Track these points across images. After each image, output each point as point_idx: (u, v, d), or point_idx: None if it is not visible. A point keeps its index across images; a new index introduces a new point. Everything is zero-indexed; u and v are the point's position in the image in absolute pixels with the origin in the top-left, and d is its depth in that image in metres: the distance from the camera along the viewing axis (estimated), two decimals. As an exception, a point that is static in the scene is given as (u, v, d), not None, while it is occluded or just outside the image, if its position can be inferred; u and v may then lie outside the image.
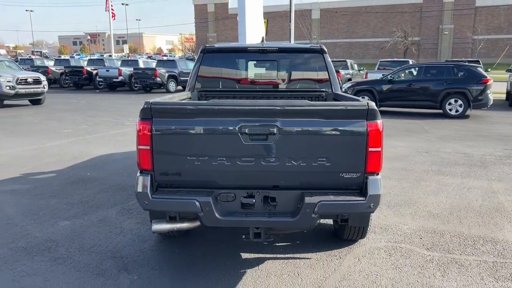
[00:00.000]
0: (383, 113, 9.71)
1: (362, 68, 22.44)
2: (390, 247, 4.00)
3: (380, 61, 20.28)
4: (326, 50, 4.63)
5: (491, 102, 12.72)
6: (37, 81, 15.76)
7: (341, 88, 6.00)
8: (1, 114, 13.35)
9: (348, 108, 3.07)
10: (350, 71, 20.29)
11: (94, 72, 24.52)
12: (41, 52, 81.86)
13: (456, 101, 12.48)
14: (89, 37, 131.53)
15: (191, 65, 25.02)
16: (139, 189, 3.11)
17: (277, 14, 57.15)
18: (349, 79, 19.63)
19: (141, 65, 24.68)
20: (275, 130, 3.00)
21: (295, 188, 3.15)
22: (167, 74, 22.55)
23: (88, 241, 4.08)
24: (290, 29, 35.70)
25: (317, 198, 3.06)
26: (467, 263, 3.70)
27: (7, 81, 14.95)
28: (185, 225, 3.32)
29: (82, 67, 25.13)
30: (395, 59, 26.49)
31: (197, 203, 3.03)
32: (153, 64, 24.51)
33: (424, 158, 7.64)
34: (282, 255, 3.81)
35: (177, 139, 3.09)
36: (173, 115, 3.08)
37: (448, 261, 3.73)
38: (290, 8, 28.60)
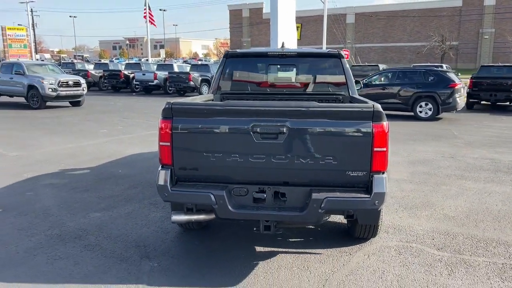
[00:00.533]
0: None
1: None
2: (400, 246, 4.12)
3: (413, 66, 19.99)
4: (343, 55, 4.80)
5: (461, 105, 13.41)
6: (77, 84, 16.56)
7: None
8: (44, 115, 14.12)
9: (354, 110, 3.24)
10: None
11: (131, 75, 25.40)
12: (82, 56, 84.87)
13: (426, 104, 13.20)
14: (128, 42, 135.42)
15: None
16: (160, 182, 3.39)
17: (311, 19, 57.17)
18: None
19: (176, 69, 25.33)
20: (284, 129, 3.21)
21: (304, 184, 3.35)
22: (200, 78, 23.09)
23: (115, 231, 4.41)
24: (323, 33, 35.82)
25: (324, 195, 3.24)
26: (476, 263, 3.78)
27: (50, 84, 15.80)
28: (201, 217, 3.57)
29: (120, 71, 26.09)
30: (428, 64, 26.05)
31: (212, 196, 3.28)
32: (187, 68, 25.11)
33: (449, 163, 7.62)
34: (294, 250, 4.01)
35: (194, 137, 3.35)
36: (191, 115, 3.35)
37: (457, 261, 3.82)
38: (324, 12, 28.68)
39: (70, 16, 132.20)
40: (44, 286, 3.34)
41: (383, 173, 3.30)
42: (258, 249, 4.03)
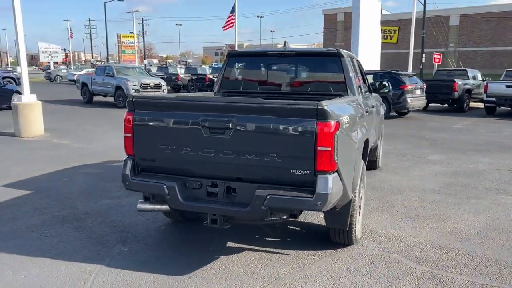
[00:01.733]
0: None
1: (487, 78, 20.25)
2: (378, 255, 3.89)
3: (507, 71, 18.11)
4: (343, 54, 4.65)
5: (417, 106, 14.82)
6: (157, 86, 17.81)
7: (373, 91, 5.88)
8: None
9: (298, 107, 3.17)
10: (470, 81, 18.54)
11: (216, 79, 26.51)
12: (186, 61, 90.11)
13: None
14: (229, 48, 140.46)
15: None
16: (123, 171, 3.62)
17: (409, 22, 54.41)
18: (468, 90, 18.03)
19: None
20: (231, 125, 3.25)
21: (252, 181, 3.34)
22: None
23: (113, 217, 4.76)
24: (422, 36, 33.98)
25: (267, 192, 3.21)
26: (451, 280, 3.46)
27: (133, 85, 17.20)
28: (163, 207, 3.72)
29: (205, 74, 27.36)
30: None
31: (165, 187, 3.43)
32: None
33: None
34: (264, 248, 3.99)
35: (152, 129, 3.53)
36: (149, 108, 3.54)
37: (430, 276, 3.52)
38: (424, 15, 27.28)
39: (176, 24, 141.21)
40: (21, 257, 3.75)
41: (331, 173, 3.17)
42: (230, 244, 4.09)
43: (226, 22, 37.00)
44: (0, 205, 5.12)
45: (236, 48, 40.08)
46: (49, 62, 51.38)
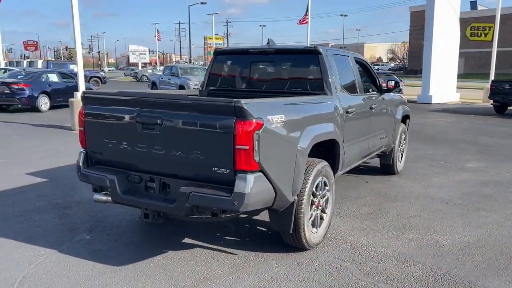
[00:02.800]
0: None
1: None
2: (328, 262, 3.69)
3: None
4: (322, 51, 4.45)
5: None
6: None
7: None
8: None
9: (217, 104, 3.13)
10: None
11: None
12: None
13: None
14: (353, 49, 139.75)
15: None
16: (77, 163, 3.83)
17: (508, 17, 49.88)
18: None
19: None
20: (159, 121, 3.29)
21: (184, 178, 3.36)
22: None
23: (99, 207, 5.01)
24: None
25: (191, 189, 3.21)
26: (388, 296, 3.18)
27: (194, 84, 17.83)
28: (109, 199, 3.84)
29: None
30: None
31: (106, 180, 3.58)
32: None
33: None
34: (216, 246, 3.98)
35: (97, 123, 3.69)
36: (95, 103, 3.70)
37: (369, 289, 3.27)
38: None
39: (260, 25, 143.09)
40: (-4, 238, 4.12)
41: (252, 172, 3.08)
42: (187, 240, 4.14)
43: (302, 20, 36.90)
44: (10, 191, 5.64)
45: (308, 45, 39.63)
46: (138, 63, 55.06)
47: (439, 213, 5.03)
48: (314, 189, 3.82)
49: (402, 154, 6.99)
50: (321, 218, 4.07)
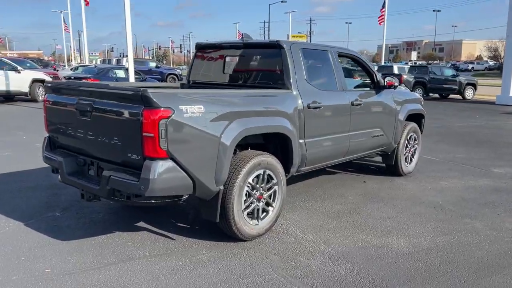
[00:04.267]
0: None
1: None
2: (256, 253, 3.73)
3: None
4: (284, 45, 4.44)
5: None
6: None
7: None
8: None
9: (125, 92, 3.33)
10: None
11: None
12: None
13: None
14: (406, 46, 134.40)
15: (447, 72, 23.13)
16: (42, 146, 4.27)
17: None
18: None
19: (395, 71, 24.41)
20: (89, 108, 3.58)
21: (110, 162, 3.61)
22: (413, 81, 21.77)
23: (88, 189, 5.46)
24: None
25: (110, 173, 3.46)
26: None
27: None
28: None
29: (401, 75, 25.87)
30: None
31: (56, 162, 3.96)
32: (395, 70, 23.79)
33: None
34: (161, 231, 4.19)
35: (53, 110, 4.07)
36: (52, 91, 4.09)
37: (270, 282, 3.27)
38: None
39: (346, 23, 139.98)
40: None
41: (160, 159, 3.24)
42: (142, 224, 4.39)
43: (379, 17, 35.67)
44: (28, 170, 6.31)
45: (384, 44, 38.19)
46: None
47: (417, 217, 4.75)
48: (251, 181, 3.86)
49: (412, 156, 6.62)
50: (265, 211, 4.08)
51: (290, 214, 4.70)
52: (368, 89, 5.70)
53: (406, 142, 6.34)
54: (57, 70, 26.34)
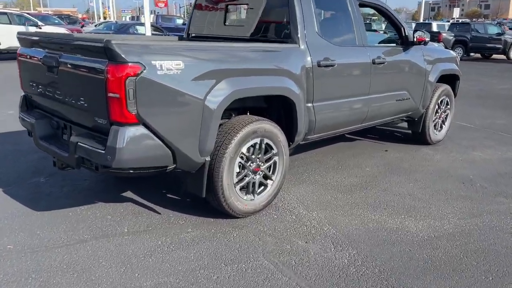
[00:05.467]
0: None
1: None
2: (249, 233, 3.27)
3: None
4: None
5: None
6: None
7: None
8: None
9: (88, 44, 2.81)
10: None
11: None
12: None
13: None
14: (448, 3, 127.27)
15: (492, 29, 21.44)
16: (19, 106, 3.85)
17: None
18: None
19: (434, 28, 22.81)
20: (55, 63, 3.09)
21: (81, 126, 3.15)
22: (453, 39, 20.33)
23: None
24: None
25: (78, 139, 3.01)
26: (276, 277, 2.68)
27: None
28: None
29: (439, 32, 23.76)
30: None
31: (29, 124, 3.54)
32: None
33: None
34: (148, 204, 3.77)
35: (26, 64, 3.61)
36: (24, 44, 3.61)
37: (247, 266, 2.80)
38: None
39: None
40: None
41: (128, 125, 2.75)
42: (128, 194, 3.98)
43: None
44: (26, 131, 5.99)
45: (423, 0, 36.00)
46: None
47: (442, 194, 4.14)
48: (245, 151, 3.34)
49: (443, 122, 5.90)
50: (263, 185, 3.58)
51: (296, 187, 4.18)
52: (394, 45, 4.97)
53: (437, 107, 5.61)
54: (83, 27, 26.09)
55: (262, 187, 3.59)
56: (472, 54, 21.10)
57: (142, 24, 17.56)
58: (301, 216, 3.58)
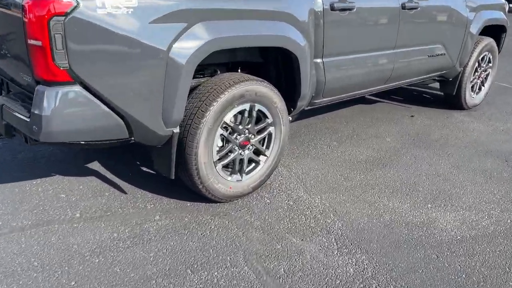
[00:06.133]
0: None
1: None
2: (231, 223, 2.58)
3: None
4: None
5: None
6: None
7: None
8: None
9: None
10: None
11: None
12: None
13: None
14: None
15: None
16: None
17: None
18: None
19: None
20: None
21: (18, 84, 2.43)
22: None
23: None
24: None
25: (3, 100, 2.30)
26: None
27: None
28: None
29: None
30: None
31: None
32: None
33: None
34: (116, 179, 3.09)
35: None
36: None
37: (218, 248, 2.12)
38: None
39: None
40: None
41: (61, 84, 2.01)
42: (95, 166, 3.31)
43: None
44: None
45: None
46: None
47: (479, 175, 3.34)
48: (228, 120, 2.58)
49: (482, 83, 4.97)
50: (254, 162, 2.84)
51: (298, 161, 3.44)
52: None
53: (476, 64, 4.67)
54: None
55: (253, 165, 2.86)
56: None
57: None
58: (301, 201, 2.86)
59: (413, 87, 5.22)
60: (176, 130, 2.40)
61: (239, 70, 2.94)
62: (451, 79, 4.60)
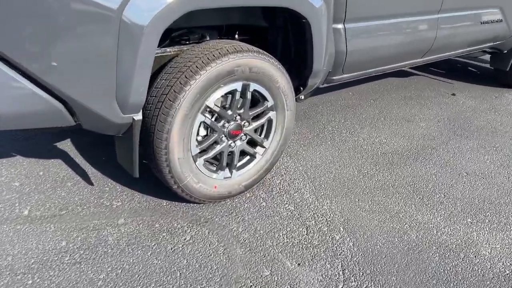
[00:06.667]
0: None
1: None
2: (210, 232, 2.04)
3: None
4: None
5: None
6: None
7: None
8: None
9: None
10: None
11: None
12: None
13: None
14: None
15: None
16: None
17: None
18: None
19: None
20: None
21: None
22: None
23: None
24: None
25: None
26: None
27: None
28: None
29: None
30: None
31: None
32: None
33: None
34: (83, 169, 2.58)
35: None
36: None
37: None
38: None
39: None
40: None
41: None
42: (64, 146, 2.81)
43: None
44: None
45: None
46: None
47: (500, 167, 2.66)
48: (212, 104, 1.98)
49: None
50: (247, 155, 2.26)
51: (309, 151, 2.83)
52: None
53: (539, 35, 3.85)
54: None
55: (247, 158, 2.27)
56: None
57: None
58: (305, 206, 2.28)
59: (457, 58, 4.44)
60: (138, 117, 1.82)
61: (236, 37, 2.31)
62: (505, 52, 3.81)
